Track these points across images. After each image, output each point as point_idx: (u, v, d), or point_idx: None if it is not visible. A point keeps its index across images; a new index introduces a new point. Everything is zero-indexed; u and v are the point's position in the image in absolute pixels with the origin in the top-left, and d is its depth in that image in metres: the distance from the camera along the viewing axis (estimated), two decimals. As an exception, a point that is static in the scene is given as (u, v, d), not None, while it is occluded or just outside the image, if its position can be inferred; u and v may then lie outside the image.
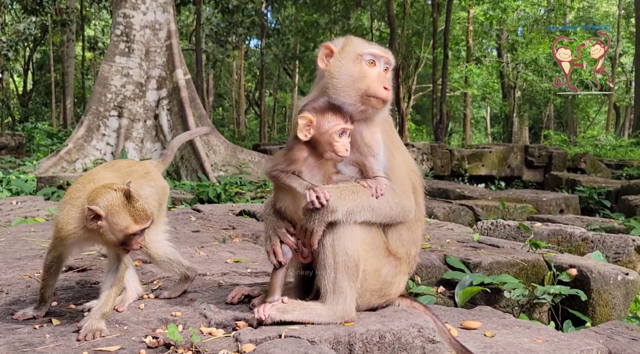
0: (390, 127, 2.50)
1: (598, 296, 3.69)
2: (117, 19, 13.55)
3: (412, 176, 2.52)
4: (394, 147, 2.43)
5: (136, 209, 2.12)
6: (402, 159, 2.48)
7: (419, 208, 2.53)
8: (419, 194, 2.55)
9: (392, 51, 10.01)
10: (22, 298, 2.49)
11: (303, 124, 2.26)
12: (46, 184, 8.72)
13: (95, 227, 2.10)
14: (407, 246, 2.48)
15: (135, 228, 2.11)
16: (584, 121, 40.13)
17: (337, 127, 2.25)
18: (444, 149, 15.57)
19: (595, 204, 10.63)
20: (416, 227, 2.51)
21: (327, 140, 2.25)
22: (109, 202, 2.10)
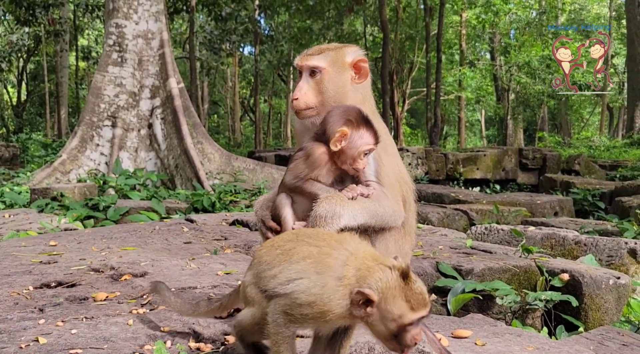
0: (382, 132, 2.45)
1: (590, 301, 3.69)
2: (109, 29, 13.54)
3: (403, 186, 2.50)
4: (385, 153, 2.41)
5: (414, 293, 1.68)
6: (393, 166, 2.45)
7: (407, 222, 2.50)
8: (409, 207, 2.52)
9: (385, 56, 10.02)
10: (10, 316, 2.47)
11: (338, 136, 2.23)
12: (40, 196, 8.68)
13: (363, 314, 1.70)
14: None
15: (412, 317, 1.66)
16: (577, 123, 40.27)
17: (367, 146, 2.25)
18: (439, 153, 15.58)
19: (589, 206, 10.65)
20: (404, 241, 2.49)
21: (353, 155, 2.25)
22: (384, 284, 1.69)
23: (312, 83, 2.46)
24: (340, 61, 2.46)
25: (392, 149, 2.50)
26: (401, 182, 2.48)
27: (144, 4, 13.67)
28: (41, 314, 2.52)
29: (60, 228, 5.75)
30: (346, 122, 2.24)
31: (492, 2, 28.08)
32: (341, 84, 2.44)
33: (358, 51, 2.53)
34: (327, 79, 2.44)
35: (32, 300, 2.74)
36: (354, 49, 2.54)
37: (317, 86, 2.45)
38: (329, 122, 2.26)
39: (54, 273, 3.25)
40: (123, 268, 3.40)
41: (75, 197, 8.86)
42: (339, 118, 2.25)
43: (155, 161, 13.30)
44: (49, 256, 3.74)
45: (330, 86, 2.43)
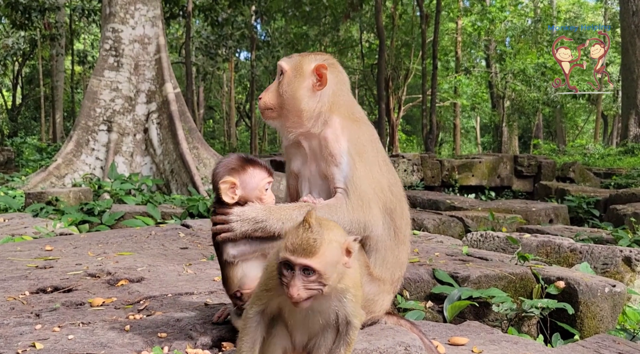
0: (363, 139, 2.44)
1: (586, 309, 3.70)
2: (105, 34, 13.54)
3: (386, 194, 2.44)
4: (360, 159, 2.38)
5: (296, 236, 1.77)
6: (368, 173, 2.39)
7: (400, 231, 2.49)
8: (400, 215, 2.50)
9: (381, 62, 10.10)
10: (6, 321, 2.46)
11: (227, 187, 2.26)
12: (35, 200, 8.65)
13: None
14: (391, 270, 2.48)
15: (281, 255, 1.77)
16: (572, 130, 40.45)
17: (264, 181, 2.31)
18: (434, 160, 15.61)
19: (584, 214, 10.68)
20: (400, 250, 2.49)
21: (257, 195, 2.29)
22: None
23: (277, 85, 2.49)
24: (301, 67, 2.46)
25: (372, 156, 2.45)
26: (384, 191, 2.43)
27: (141, 9, 13.68)
28: (37, 319, 2.51)
29: (55, 233, 5.74)
30: (229, 171, 2.27)
31: (487, 10, 28.23)
32: (295, 89, 2.43)
33: (323, 58, 2.51)
34: (286, 82, 2.46)
35: (28, 305, 2.73)
36: (320, 56, 2.53)
37: (278, 88, 2.48)
38: (213, 181, 2.29)
39: (50, 277, 3.24)
40: (119, 273, 3.39)
41: (70, 201, 8.83)
42: (221, 171, 2.28)
43: (151, 166, 13.28)
44: (45, 261, 3.73)
45: (286, 89, 2.45)
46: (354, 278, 1.90)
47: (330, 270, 1.75)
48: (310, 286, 1.73)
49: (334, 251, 1.76)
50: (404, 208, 2.54)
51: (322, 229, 1.77)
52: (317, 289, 1.74)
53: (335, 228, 1.83)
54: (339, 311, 1.88)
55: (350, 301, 1.88)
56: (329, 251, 1.74)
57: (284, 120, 2.49)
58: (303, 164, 2.52)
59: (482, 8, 29.09)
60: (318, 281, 1.73)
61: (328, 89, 2.46)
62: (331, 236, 1.77)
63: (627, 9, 24.42)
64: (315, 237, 1.74)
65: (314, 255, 1.72)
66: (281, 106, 2.47)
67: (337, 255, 1.77)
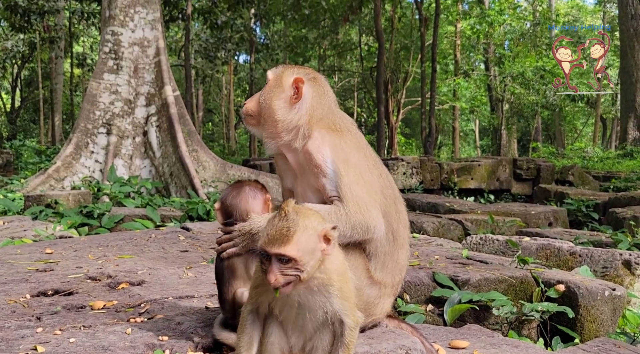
0: (346, 146, 2.43)
1: (586, 312, 3.70)
2: (105, 37, 13.55)
3: (380, 198, 2.43)
4: (347, 165, 2.37)
5: (271, 226, 1.83)
6: (357, 178, 2.38)
7: (399, 234, 2.50)
8: (397, 218, 2.49)
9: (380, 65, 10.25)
10: (7, 324, 2.47)
11: (216, 212, 2.45)
12: (34, 203, 8.64)
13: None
14: (391, 273, 2.48)
15: (259, 245, 1.83)
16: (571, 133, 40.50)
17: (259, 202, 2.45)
18: (433, 163, 15.62)
19: (583, 217, 10.68)
20: (399, 253, 2.49)
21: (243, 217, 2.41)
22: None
23: (260, 93, 2.55)
24: (281, 78, 2.49)
25: (359, 161, 2.43)
26: (377, 193, 2.42)
27: (141, 12, 13.70)
28: (39, 322, 2.52)
29: (55, 236, 5.73)
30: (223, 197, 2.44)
31: (486, 13, 28.29)
32: (272, 99, 2.46)
33: (305, 72, 2.53)
34: (266, 91, 2.50)
35: (29, 308, 2.73)
36: (302, 70, 2.54)
37: (259, 97, 2.52)
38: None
39: (51, 281, 3.24)
40: (120, 276, 3.39)
41: (70, 204, 8.83)
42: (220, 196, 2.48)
43: (150, 169, 13.29)
44: (46, 264, 3.73)
45: (265, 98, 2.49)
46: (338, 269, 1.91)
47: (306, 256, 1.79)
48: (287, 272, 1.78)
49: (310, 238, 1.80)
50: (400, 211, 2.54)
51: (297, 216, 1.81)
52: (293, 274, 1.78)
53: (313, 216, 1.86)
54: (327, 307, 1.89)
55: (336, 297, 1.89)
56: (304, 237, 1.78)
57: (262, 129, 2.52)
58: (294, 181, 2.54)
59: (481, 11, 29.15)
60: (294, 267, 1.78)
61: (305, 103, 2.47)
62: (307, 222, 1.81)
63: (625, 12, 24.50)
64: (288, 226, 1.78)
65: (288, 243, 1.76)
66: (259, 114, 2.50)
67: (312, 241, 1.80)
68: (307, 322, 1.94)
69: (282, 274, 1.78)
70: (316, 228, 1.82)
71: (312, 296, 1.89)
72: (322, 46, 32.66)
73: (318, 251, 1.82)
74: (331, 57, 36.01)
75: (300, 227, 1.79)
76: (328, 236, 1.83)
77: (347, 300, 1.91)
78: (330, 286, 1.88)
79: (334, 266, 1.90)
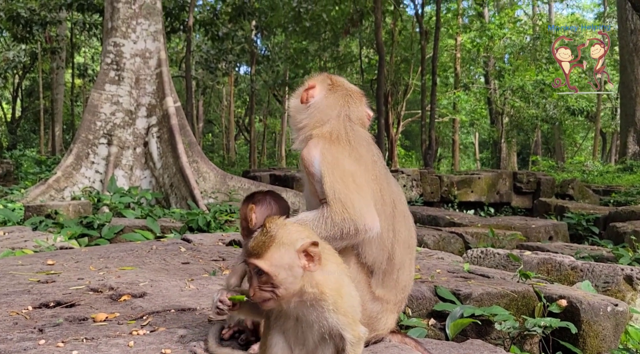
0: (334, 150, 2.42)
1: (588, 328, 3.69)
2: (107, 48, 13.61)
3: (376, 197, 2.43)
4: (335, 167, 2.35)
5: (253, 238, 1.89)
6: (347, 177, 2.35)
7: (395, 255, 2.44)
8: (392, 239, 2.45)
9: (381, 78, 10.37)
10: (10, 336, 2.46)
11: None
12: (34, 213, 8.64)
13: None
14: (393, 292, 2.47)
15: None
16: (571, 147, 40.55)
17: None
18: (434, 175, 15.64)
19: (583, 231, 10.67)
20: (399, 274, 2.47)
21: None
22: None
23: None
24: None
25: (348, 164, 2.40)
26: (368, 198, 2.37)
27: (143, 24, 13.77)
28: (41, 334, 2.51)
29: (55, 246, 5.72)
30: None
31: (486, 27, 28.43)
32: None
33: (323, 78, 2.67)
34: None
35: (31, 320, 2.72)
36: (325, 77, 2.68)
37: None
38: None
39: (53, 292, 3.23)
40: (122, 288, 3.38)
41: (70, 215, 8.82)
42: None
43: (150, 179, 13.29)
44: (47, 275, 3.72)
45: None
46: (332, 284, 1.89)
47: (282, 272, 1.79)
48: (264, 287, 1.80)
49: (285, 254, 1.80)
50: (397, 230, 2.48)
51: (278, 232, 1.83)
52: (269, 290, 1.80)
53: (296, 232, 1.87)
54: (322, 322, 1.88)
55: (331, 311, 1.87)
56: (278, 253, 1.80)
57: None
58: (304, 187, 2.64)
59: (481, 25, 29.30)
60: (269, 282, 1.79)
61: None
62: (285, 238, 1.82)
63: (625, 27, 24.63)
64: (264, 240, 1.81)
65: (261, 257, 1.79)
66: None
67: (288, 257, 1.80)
68: (308, 336, 1.94)
69: (260, 288, 1.80)
70: (294, 244, 1.82)
71: (307, 310, 1.88)
72: (323, 58, 32.77)
73: (297, 267, 1.81)
74: (332, 69, 36.09)
75: (276, 243, 1.81)
76: (309, 252, 1.82)
77: (344, 315, 1.89)
78: (323, 301, 1.86)
79: (327, 281, 1.88)
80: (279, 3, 26.31)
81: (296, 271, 1.81)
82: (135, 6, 13.64)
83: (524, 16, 36.26)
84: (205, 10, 27.65)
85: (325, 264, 1.88)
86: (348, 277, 1.99)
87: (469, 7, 31.31)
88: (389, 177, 2.57)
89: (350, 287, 1.98)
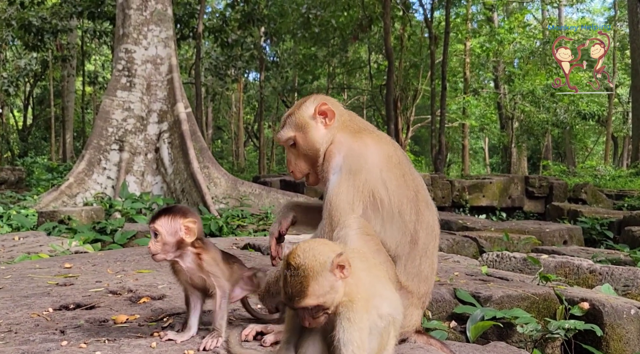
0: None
1: (611, 331, 3.63)
2: (119, 54, 13.68)
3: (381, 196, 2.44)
4: (348, 173, 2.39)
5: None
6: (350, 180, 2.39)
7: (419, 238, 2.47)
8: (415, 221, 2.47)
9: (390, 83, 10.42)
10: (32, 337, 2.44)
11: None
12: (47, 219, 8.68)
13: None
14: (415, 281, 2.45)
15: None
16: (582, 152, 40.32)
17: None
18: (445, 180, 15.57)
19: (598, 235, 10.58)
20: (421, 261, 2.47)
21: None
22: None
23: (295, 152, 2.55)
24: (304, 120, 2.50)
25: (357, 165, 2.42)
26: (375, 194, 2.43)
27: (154, 30, 13.84)
28: (63, 336, 2.49)
29: (70, 251, 5.73)
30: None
31: (496, 32, 28.36)
32: (315, 139, 2.49)
33: (318, 99, 2.56)
34: (301, 143, 2.51)
35: (52, 322, 2.71)
36: (312, 99, 2.56)
37: (299, 153, 2.53)
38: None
39: (72, 294, 3.22)
40: (141, 290, 3.37)
41: (83, 220, 8.85)
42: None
43: (162, 185, 13.32)
44: (65, 278, 3.71)
45: (307, 148, 2.50)
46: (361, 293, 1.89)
47: (328, 297, 1.84)
48: (316, 315, 1.85)
49: (323, 281, 1.83)
50: (421, 212, 2.51)
51: (306, 263, 1.83)
52: (323, 314, 1.86)
53: (320, 254, 1.87)
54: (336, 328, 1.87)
55: (346, 320, 1.84)
56: (317, 284, 1.82)
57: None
58: None
59: (491, 30, 29.23)
60: (321, 310, 1.84)
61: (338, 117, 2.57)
62: (315, 267, 1.83)
63: (636, 31, 24.49)
64: (301, 281, 1.82)
65: (306, 297, 1.82)
66: (313, 165, 2.56)
67: (327, 282, 1.83)
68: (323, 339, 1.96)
69: (313, 317, 1.85)
70: (325, 267, 1.84)
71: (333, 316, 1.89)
72: (332, 64, 32.82)
73: (335, 284, 1.85)
74: (340, 75, 36.18)
75: (311, 276, 1.82)
76: (340, 264, 1.84)
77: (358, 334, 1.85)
78: (349, 310, 1.86)
79: (358, 284, 1.89)
80: (287, 9, 26.41)
81: (337, 287, 1.85)
82: (147, 13, 13.71)
83: (533, 20, 36.14)
84: (215, 17, 27.82)
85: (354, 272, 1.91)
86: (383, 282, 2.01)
87: (478, 12, 31.25)
88: (412, 167, 2.61)
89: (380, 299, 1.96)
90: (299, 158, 2.53)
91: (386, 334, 1.96)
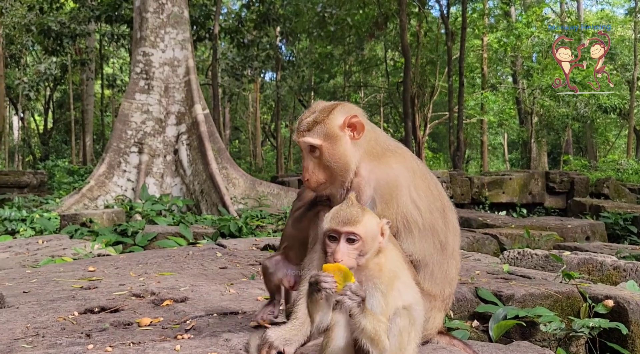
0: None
1: (637, 329, 3.59)
2: (136, 57, 13.80)
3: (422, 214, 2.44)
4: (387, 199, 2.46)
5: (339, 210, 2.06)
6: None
7: (447, 244, 2.47)
8: (444, 230, 2.48)
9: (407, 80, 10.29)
10: (59, 341, 2.48)
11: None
12: (69, 222, 8.78)
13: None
14: (440, 285, 2.45)
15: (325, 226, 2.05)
16: (603, 146, 39.75)
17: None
18: (464, 177, 15.48)
19: (621, 231, 10.44)
20: (449, 265, 2.46)
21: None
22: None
23: (315, 160, 2.39)
24: (333, 131, 2.37)
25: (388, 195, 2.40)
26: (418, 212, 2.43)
27: (171, 33, 13.93)
28: (89, 339, 2.53)
29: (93, 254, 5.79)
30: None
31: (513, 26, 28.07)
32: (342, 153, 2.37)
33: (347, 109, 2.43)
34: (327, 154, 2.37)
35: (78, 325, 2.75)
36: (341, 108, 2.42)
37: (320, 162, 2.39)
38: None
39: (97, 298, 3.27)
40: (163, 293, 3.40)
41: (104, 223, 8.94)
42: None
43: (181, 187, 13.41)
44: (89, 282, 3.76)
45: (332, 160, 2.37)
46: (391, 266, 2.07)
47: (370, 240, 2.01)
48: (352, 254, 1.98)
49: (373, 225, 2.04)
50: (449, 220, 2.53)
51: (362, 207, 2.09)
52: (355, 257, 1.99)
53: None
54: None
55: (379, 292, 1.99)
56: (370, 222, 2.03)
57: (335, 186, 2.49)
58: None
59: (508, 24, 28.94)
60: (360, 248, 1.99)
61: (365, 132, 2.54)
62: (369, 213, 2.08)
63: (657, 22, 24.11)
64: (358, 210, 2.03)
65: (359, 223, 2.00)
66: (331, 176, 2.42)
67: (375, 229, 2.04)
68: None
69: (348, 255, 1.98)
70: (376, 219, 2.07)
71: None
72: (348, 62, 32.77)
73: (377, 240, 2.03)
74: (357, 73, 36.11)
75: (367, 214, 2.04)
76: (383, 230, 2.05)
77: (383, 310, 1.98)
78: (377, 279, 2.02)
79: (387, 262, 2.07)
80: (303, 8, 26.41)
81: (376, 243, 2.04)
82: (164, 15, 13.81)
83: (551, 14, 35.71)
84: (230, 18, 27.95)
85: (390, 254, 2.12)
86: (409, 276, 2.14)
87: (495, 7, 30.96)
88: (430, 172, 2.63)
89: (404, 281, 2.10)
90: (319, 168, 2.40)
91: (406, 333, 1.99)
